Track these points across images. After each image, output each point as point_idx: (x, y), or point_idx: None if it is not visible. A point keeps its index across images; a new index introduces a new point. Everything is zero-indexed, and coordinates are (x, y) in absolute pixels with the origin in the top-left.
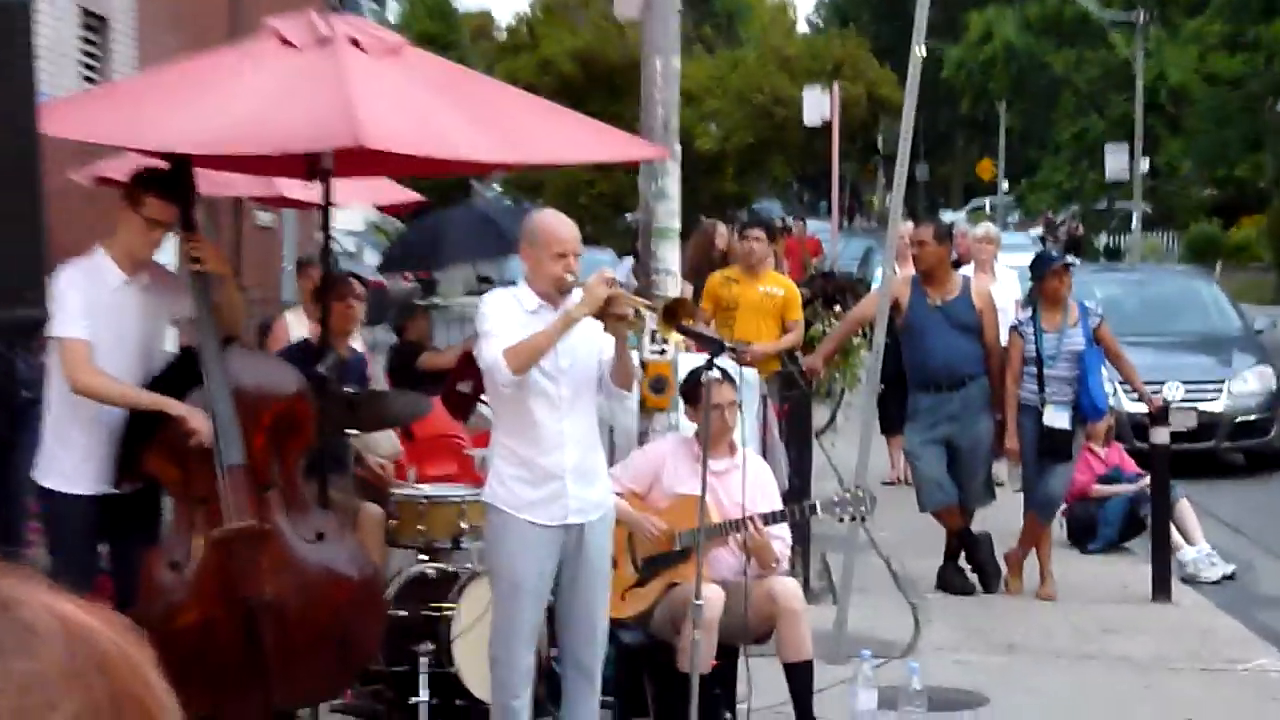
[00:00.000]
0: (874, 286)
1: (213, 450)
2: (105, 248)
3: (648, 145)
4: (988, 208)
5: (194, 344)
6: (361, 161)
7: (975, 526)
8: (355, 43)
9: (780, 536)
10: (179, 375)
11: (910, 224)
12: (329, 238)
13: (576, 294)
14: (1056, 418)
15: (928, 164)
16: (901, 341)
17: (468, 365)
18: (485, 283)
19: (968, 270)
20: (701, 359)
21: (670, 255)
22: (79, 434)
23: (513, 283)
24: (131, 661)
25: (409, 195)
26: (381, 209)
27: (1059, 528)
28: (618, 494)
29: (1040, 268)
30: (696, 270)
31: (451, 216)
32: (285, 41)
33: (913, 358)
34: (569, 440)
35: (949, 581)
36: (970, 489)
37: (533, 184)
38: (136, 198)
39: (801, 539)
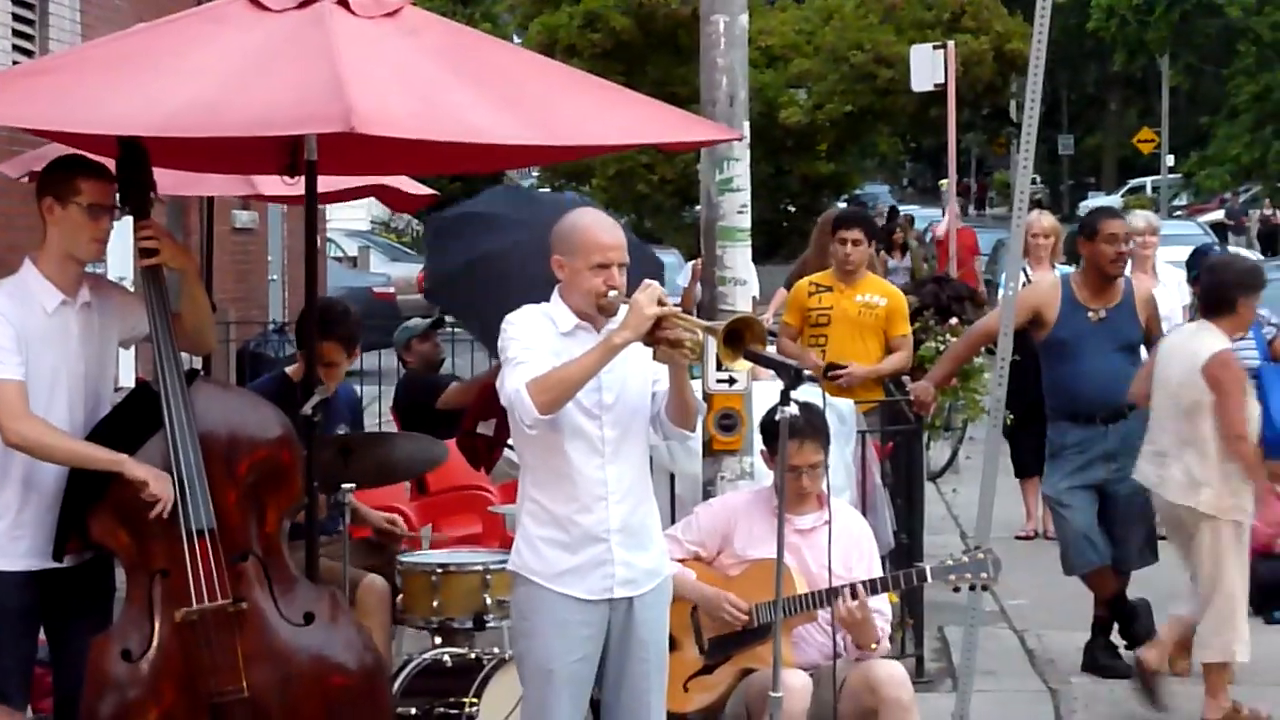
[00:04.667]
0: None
1: (176, 512)
2: (35, 262)
3: (711, 125)
4: (1149, 189)
5: (150, 377)
6: (354, 152)
7: (1131, 592)
8: (344, 3)
9: (879, 610)
10: (133, 418)
11: (1044, 216)
12: (313, 243)
13: (623, 312)
14: None
15: (1073, 134)
16: (1043, 361)
17: (489, 401)
18: None
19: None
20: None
21: (739, 260)
22: (10, 496)
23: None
24: None
25: (419, 189)
26: (386, 201)
27: None
28: (679, 560)
29: (1197, 266)
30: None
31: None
32: (258, 3)
33: (1060, 381)
34: (614, 493)
35: (1099, 661)
36: (1127, 546)
37: (578, 170)
38: (65, 185)
39: (913, 610)
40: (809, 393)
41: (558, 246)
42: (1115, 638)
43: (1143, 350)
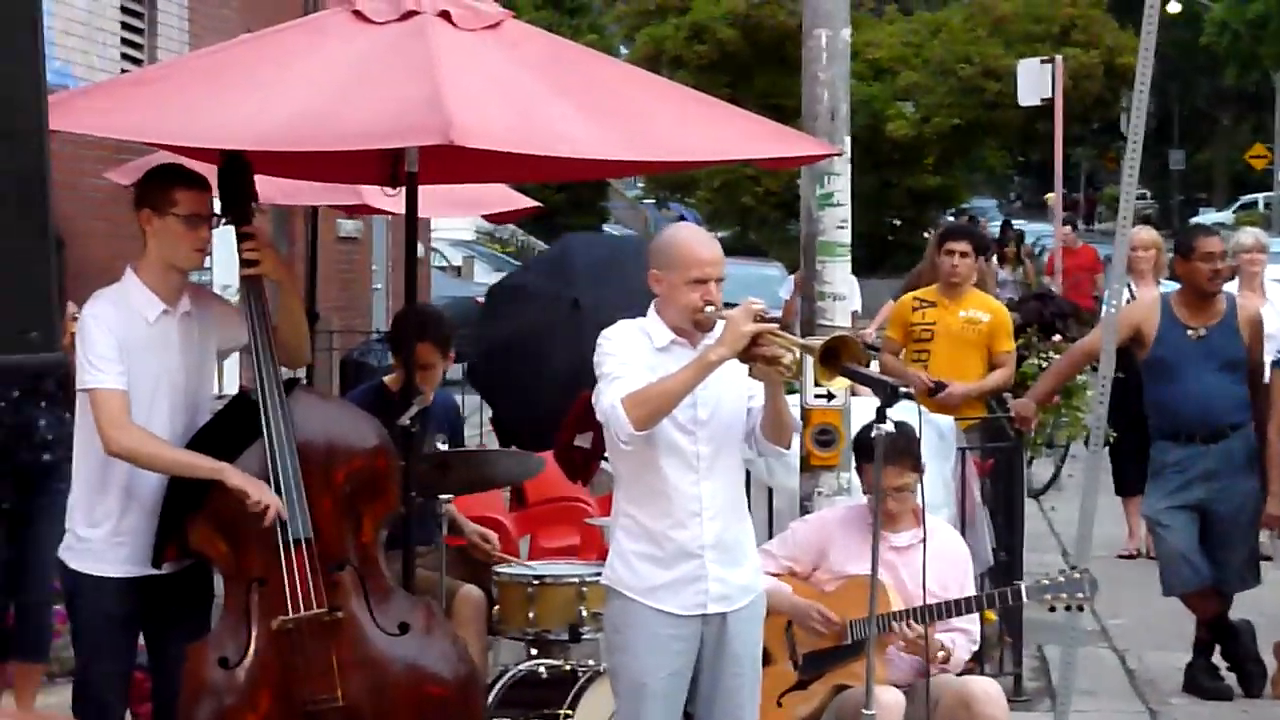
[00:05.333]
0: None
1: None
2: (136, 271)
3: (811, 141)
4: (1261, 205)
5: (250, 386)
6: (454, 163)
7: (1234, 613)
8: (445, 15)
9: (965, 629)
10: (232, 426)
11: (1145, 230)
12: (413, 254)
13: (720, 328)
14: None
15: (1184, 149)
16: (1145, 379)
17: (587, 414)
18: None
19: (1231, 287)
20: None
21: (839, 275)
22: (112, 504)
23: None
24: None
25: (521, 201)
26: (489, 218)
27: None
28: (773, 574)
29: None
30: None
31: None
32: (360, 15)
33: (1160, 400)
34: (708, 509)
35: (1199, 682)
36: (1229, 567)
37: (683, 181)
38: (162, 196)
39: (1012, 628)
40: (905, 410)
41: (655, 260)
42: (1217, 659)
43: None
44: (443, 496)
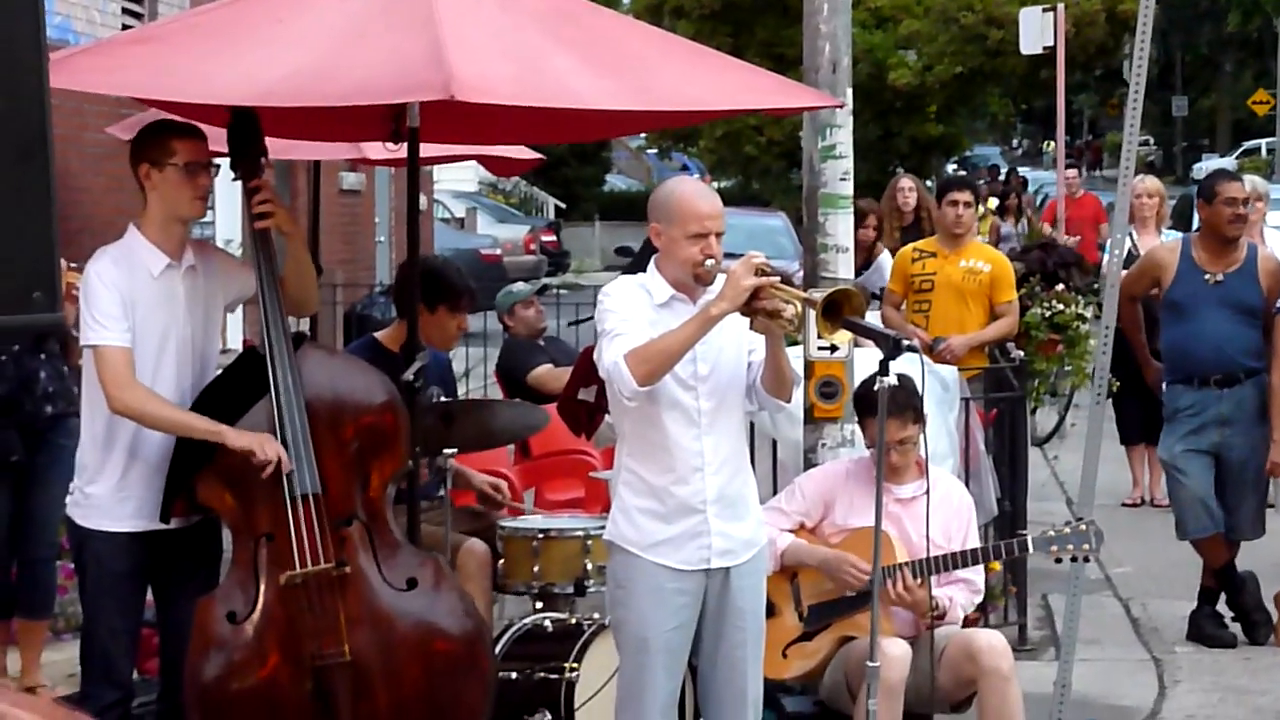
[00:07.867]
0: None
1: (281, 476)
2: (139, 227)
3: (813, 92)
4: (1264, 150)
5: (257, 341)
6: (457, 118)
7: (1239, 563)
8: None
9: (967, 579)
10: (240, 382)
11: (1147, 178)
12: (416, 209)
13: (720, 282)
14: None
15: (1187, 96)
16: (1161, 322)
17: (590, 369)
18: (625, 255)
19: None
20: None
21: (841, 228)
22: (117, 459)
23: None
24: None
25: (524, 153)
26: (491, 169)
27: None
28: (787, 530)
29: None
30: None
31: None
32: None
33: (1174, 342)
34: (710, 464)
35: (1204, 631)
36: (1239, 515)
37: (684, 133)
38: (160, 148)
39: (1017, 578)
40: (909, 361)
41: (655, 214)
42: (1222, 607)
43: None
44: (447, 451)
